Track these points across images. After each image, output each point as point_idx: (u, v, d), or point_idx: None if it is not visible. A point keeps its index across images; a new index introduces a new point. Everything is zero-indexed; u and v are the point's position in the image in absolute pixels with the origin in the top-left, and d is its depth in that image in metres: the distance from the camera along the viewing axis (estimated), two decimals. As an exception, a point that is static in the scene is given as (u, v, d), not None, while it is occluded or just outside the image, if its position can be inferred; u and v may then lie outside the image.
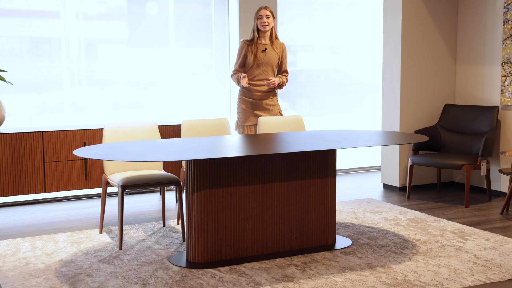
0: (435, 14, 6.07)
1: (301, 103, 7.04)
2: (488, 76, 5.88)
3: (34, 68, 5.68)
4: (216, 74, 6.34)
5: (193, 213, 3.79)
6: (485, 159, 5.49)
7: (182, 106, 6.28)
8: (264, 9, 5.07)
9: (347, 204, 5.46)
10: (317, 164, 4.08)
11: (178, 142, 4.10)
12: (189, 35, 6.24)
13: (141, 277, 3.59)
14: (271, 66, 5.16)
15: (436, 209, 5.31)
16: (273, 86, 5.10)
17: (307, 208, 4.09)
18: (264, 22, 5.06)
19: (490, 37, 5.84)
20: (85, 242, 4.31)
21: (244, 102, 5.19)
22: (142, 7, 6.02)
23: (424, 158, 5.59)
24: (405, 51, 5.96)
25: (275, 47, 5.16)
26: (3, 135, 4.95)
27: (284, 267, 3.75)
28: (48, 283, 3.50)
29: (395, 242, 4.26)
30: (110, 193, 5.80)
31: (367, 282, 3.50)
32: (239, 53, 5.16)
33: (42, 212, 5.27)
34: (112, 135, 4.46)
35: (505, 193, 5.73)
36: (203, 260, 3.82)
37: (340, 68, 7.23)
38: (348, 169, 7.21)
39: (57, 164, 5.13)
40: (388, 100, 6.14)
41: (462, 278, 3.56)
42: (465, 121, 5.86)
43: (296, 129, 4.98)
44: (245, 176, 3.86)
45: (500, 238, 4.36)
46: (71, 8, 5.75)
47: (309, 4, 6.90)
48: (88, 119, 5.93)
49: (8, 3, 5.52)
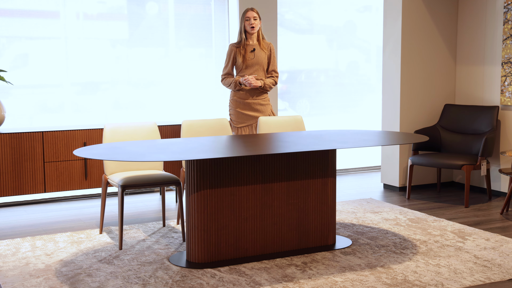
0: (435, 14, 6.07)
1: (301, 103, 7.04)
2: (488, 76, 5.88)
3: (34, 68, 5.68)
4: (216, 74, 6.34)
5: (193, 213, 3.79)
6: (485, 159, 5.49)
7: (182, 106, 6.28)
8: (251, 11, 5.09)
9: (347, 204, 5.46)
10: (317, 164, 4.08)
11: (178, 142, 4.10)
12: (189, 35, 6.24)
13: (141, 277, 3.59)
14: (261, 66, 5.17)
15: (436, 209, 5.31)
16: (253, 85, 5.05)
17: (307, 208, 4.09)
18: (252, 24, 5.08)
19: (490, 37, 5.84)
20: (85, 242, 4.31)
21: (236, 103, 5.20)
22: (142, 7, 6.02)
23: (424, 158, 5.59)
24: (405, 51, 5.96)
25: (263, 47, 5.18)
26: (3, 135, 4.95)
27: (284, 267, 3.75)
28: (48, 283, 3.50)
29: (395, 242, 4.26)
30: (110, 193, 5.80)
31: (367, 282, 3.50)
32: (227, 57, 5.17)
33: (42, 212, 5.27)
34: (112, 135, 4.46)
35: (505, 193, 5.73)
36: (203, 260, 3.82)
37: (340, 68, 7.23)
38: (348, 169, 7.21)
39: (57, 164, 5.13)
40: (388, 100, 6.14)
41: (462, 278, 3.56)
42: (465, 121, 5.86)
43: (296, 129, 4.98)
44: (245, 176, 3.86)
45: (500, 238, 4.36)
46: (71, 8, 5.75)
47: (309, 4, 6.90)
48: (88, 119, 5.93)
49: (8, 3, 5.52)
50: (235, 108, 5.21)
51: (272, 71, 5.24)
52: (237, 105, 5.20)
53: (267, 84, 5.15)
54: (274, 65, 5.24)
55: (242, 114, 5.19)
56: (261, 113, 5.19)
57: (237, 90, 5.15)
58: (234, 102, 5.21)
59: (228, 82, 5.16)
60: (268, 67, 5.23)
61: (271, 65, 5.22)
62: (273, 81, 5.21)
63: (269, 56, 5.21)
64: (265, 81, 5.15)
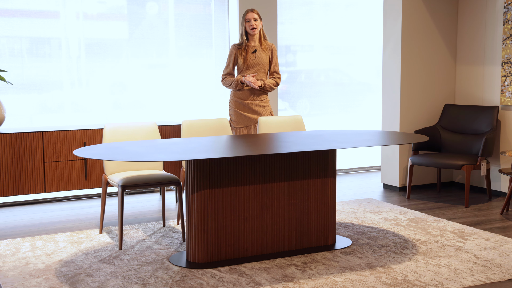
0: (435, 14, 6.07)
1: (301, 103, 7.04)
2: (488, 76, 5.88)
3: (34, 68, 5.69)
4: (216, 74, 6.34)
5: (193, 213, 3.79)
6: (485, 159, 5.49)
7: (182, 106, 6.29)
8: (251, 12, 5.08)
9: (347, 204, 5.46)
10: (317, 164, 4.08)
11: (178, 142, 4.10)
12: (189, 35, 6.24)
13: (141, 277, 3.59)
14: (263, 67, 5.16)
15: (436, 209, 5.31)
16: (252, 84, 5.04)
17: (307, 208, 4.09)
18: (252, 25, 5.07)
19: (490, 37, 5.84)
20: (85, 242, 4.31)
21: (236, 104, 5.19)
22: (142, 7, 6.02)
23: (424, 158, 5.59)
24: (405, 51, 5.96)
25: (264, 48, 5.17)
26: (3, 135, 4.95)
27: (284, 267, 3.75)
28: (48, 283, 3.50)
29: (395, 242, 4.27)
30: (110, 193, 5.80)
31: (367, 282, 3.50)
32: (229, 57, 5.18)
33: (42, 212, 5.27)
34: (112, 135, 4.47)
35: (505, 193, 5.73)
36: (203, 260, 3.82)
37: (340, 68, 7.23)
38: (348, 169, 7.21)
39: (57, 164, 5.13)
40: (388, 100, 6.14)
41: (462, 278, 3.56)
42: (465, 121, 5.86)
43: (296, 129, 4.98)
44: (245, 176, 3.86)
45: (500, 238, 4.36)
46: (71, 8, 5.75)
47: (309, 4, 6.90)
48: (88, 119, 5.93)
49: (8, 3, 5.52)
50: (234, 108, 5.21)
51: (273, 72, 5.23)
52: (236, 106, 5.20)
53: (267, 85, 5.14)
54: (275, 66, 5.23)
55: (241, 115, 5.18)
56: (260, 115, 5.18)
57: (237, 89, 5.15)
58: (234, 102, 5.21)
59: (228, 82, 5.16)
60: (270, 68, 5.22)
61: (273, 66, 5.22)
62: (274, 82, 5.20)
63: (271, 57, 5.20)
64: (266, 81, 5.14)
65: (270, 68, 5.22)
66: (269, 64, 5.21)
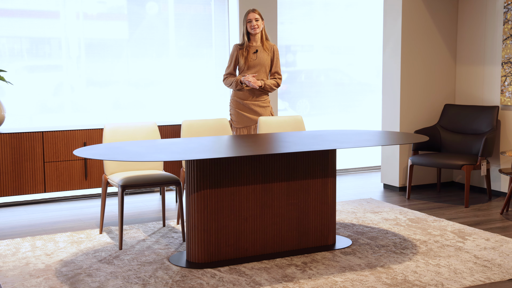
0: (435, 14, 6.07)
1: (301, 103, 7.04)
2: (488, 76, 5.88)
3: (34, 68, 5.68)
4: (216, 74, 6.34)
5: (193, 213, 3.79)
6: (485, 159, 5.49)
7: (182, 106, 6.29)
8: (253, 12, 5.07)
9: (347, 204, 5.46)
10: (317, 164, 4.08)
11: (178, 142, 4.10)
12: (189, 35, 6.24)
13: (141, 277, 3.59)
14: (264, 67, 5.16)
15: (436, 209, 5.31)
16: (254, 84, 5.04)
17: (307, 208, 4.09)
18: (253, 26, 5.07)
19: (490, 37, 5.84)
20: (85, 242, 4.31)
21: (236, 104, 5.19)
22: (142, 7, 6.02)
23: (424, 158, 5.59)
24: (405, 51, 5.96)
25: (266, 48, 5.16)
26: (3, 135, 4.95)
27: (284, 267, 3.75)
28: (48, 283, 3.50)
29: (395, 242, 4.26)
30: (110, 193, 5.80)
31: (367, 282, 3.50)
32: (231, 57, 5.18)
33: (42, 212, 5.28)
34: (112, 135, 4.47)
35: (505, 193, 5.73)
36: (203, 260, 3.82)
37: (340, 68, 7.23)
38: (348, 169, 7.21)
39: (57, 164, 5.13)
40: (388, 100, 6.14)
41: (462, 278, 3.56)
42: (465, 121, 5.86)
43: (296, 129, 4.98)
44: (245, 176, 3.86)
45: (500, 238, 4.36)
46: (71, 8, 5.75)
47: (309, 4, 6.90)
48: (88, 119, 5.93)
49: (8, 3, 5.52)
50: (235, 109, 5.21)
51: (275, 73, 5.22)
52: (237, 106, 5.20)
53: (267, 85, 5.14)
54: (277, 66, 5.22)
55: (242, 115, 5.18)
56: (260, 116, 5.17)
57: (238, 89, 5.15)
58: (234, 102, 5.21)
59: (229, 82, 5.16)
60: (271, 69, 5.22)
61: (274, 67, 5.21)
62: (275, 82, 5.20)
63: (272, 57, 5.20)
64: (266, 82, 5.14)
65: (271, 68, 5.21)
66: (271, 65, 5.21)
